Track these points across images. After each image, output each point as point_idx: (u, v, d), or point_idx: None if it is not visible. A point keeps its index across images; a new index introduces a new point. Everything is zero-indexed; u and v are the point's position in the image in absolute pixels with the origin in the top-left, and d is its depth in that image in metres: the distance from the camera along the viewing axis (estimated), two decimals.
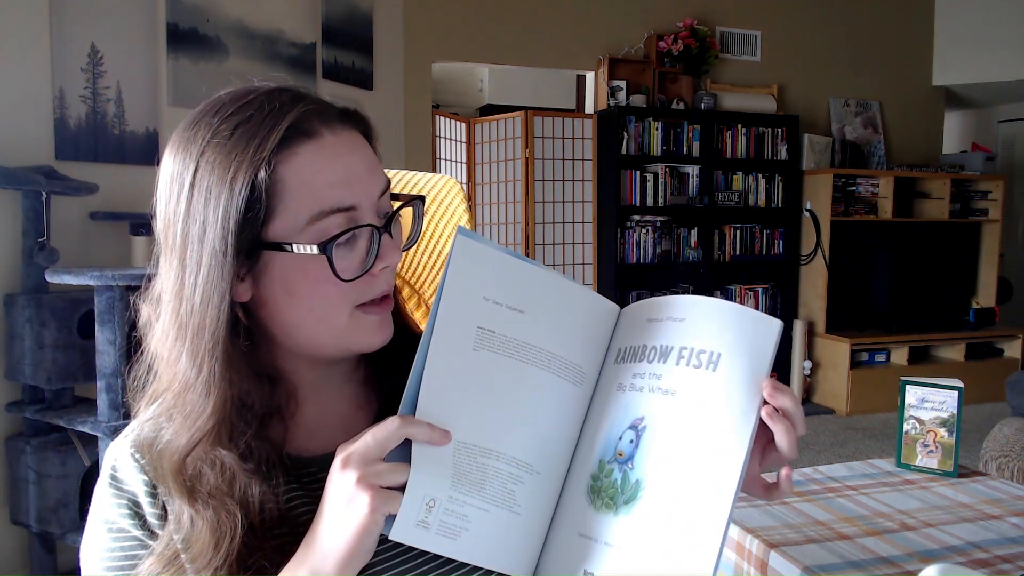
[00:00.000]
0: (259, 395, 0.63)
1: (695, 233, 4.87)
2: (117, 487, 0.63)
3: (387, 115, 3.97)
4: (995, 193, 5.31)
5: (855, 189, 5.02)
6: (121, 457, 0.64)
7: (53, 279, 1.94)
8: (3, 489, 2.21)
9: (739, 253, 4.99)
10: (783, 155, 5.01)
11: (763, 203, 5.01)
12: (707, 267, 4.88)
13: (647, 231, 4.76)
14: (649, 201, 4.75)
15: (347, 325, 0.63)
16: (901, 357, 4.95)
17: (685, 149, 4.81)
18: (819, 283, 4.95)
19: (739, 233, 4.98)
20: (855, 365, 4.82)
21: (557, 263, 4.75)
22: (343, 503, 0.54)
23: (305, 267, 0.60)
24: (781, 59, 5.23)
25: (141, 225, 2.43)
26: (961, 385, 1.62)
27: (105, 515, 0.63)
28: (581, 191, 4.79)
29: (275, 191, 0.59)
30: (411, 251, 1.03)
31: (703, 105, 4.85)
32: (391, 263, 0.64)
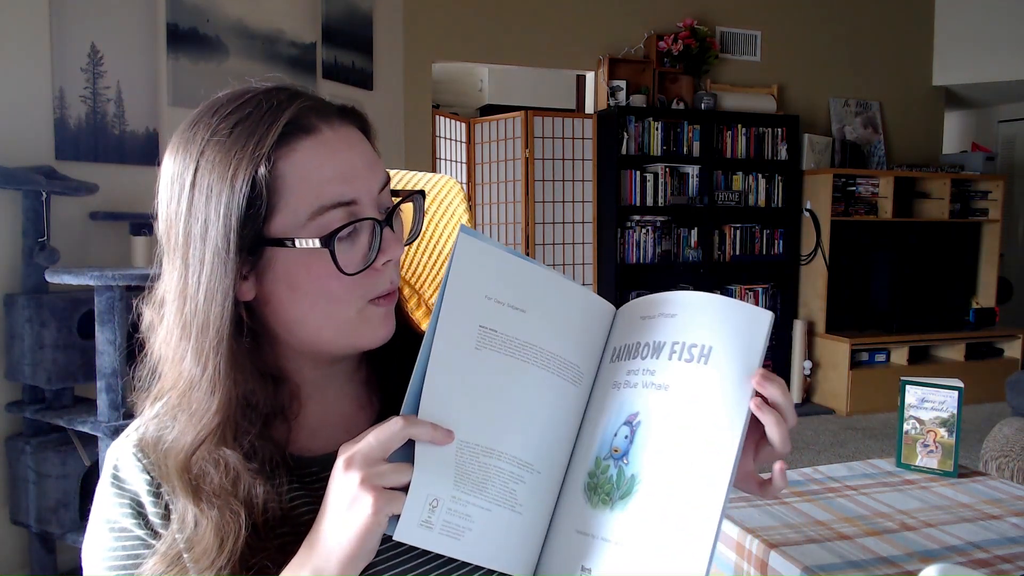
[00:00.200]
0: (263, 395, 0.63)
1: (695, 233, 4.87)
2: (119, 486, 0.63)
3: (387, 115, 3.97)
4: (995, 193, 5.31)
5: (855, 189, 5.02)
6: (123, 456, 0.64)
7: (53, 279, 1.94)
8: (3, 489, 2.21)
9: (739, 253, 4.99)
10: (783, 155, 5.01)
11: (763, 203, 5.01)
12: (707, 267, 4.88)
13: (647, 231, 4.76)
14: (649, 201, 4.75)
15: (351, 320, 0.63)
16: (901, 357, 4.95)
17: (685, 149, 4.81)
18: (819, 283, 4.95)
19: (739, 233, 4.98)
20: (855, 365, 4.82)
21: (557, 263, 4.75)
22: (346, 504, 0.54)
23: (307, 262, 0.60)
24: (781, 59, 5.23)
25: (141, 225, 2.43)
26: (961, 385, 1.62)
27: (107, 514, 0.63)
28: (581, 191, 4.79)
29: (276, 187, 0.59)
30: (411, 251, 1.03)
31: (703, 105, 4.85)
32: (394, 256, 0.64)
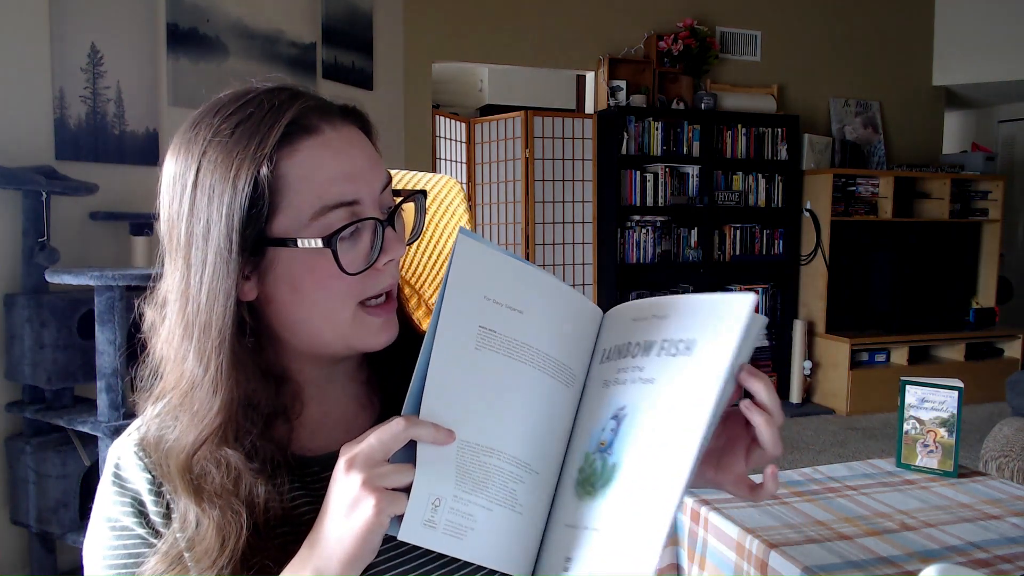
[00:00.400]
0: (265, 395, 0.63)
1: (695, 233, 4.87)
2: (120, 485, 0.63)
3: (387, 115, 3.97)
4: (995, 193, 5.31)
5: (855, 189, 5.02)
6: (124, 455, 0.64)
7: (53, 279, 1.94)
8: (3, 489, 2.21)
9: (739, 253, 4.99)
10: (783, 155, 5.01)
11: (763, 203, 5.00)
12: (707, 267, 4.88)
13: (647, 231, 4.76)
14: (649, 201, 4.75)
15: (351, 321, 0.63)
16: (901, 357, 4.95)
17: (685, 149, 4.81)
18: (819, 283, 4.95)
19: (739, 233, 4.98)
20: (855, 365, 4.82)
21: (557, 263, 4.75)
22: (348, 505, 0.54)
23: (310, 262, 0.60)
24: (781, 59, 5.23)
25: (141, 225, 2.43)
26: (961, 385, 1.62)
27: (108, 513, 0.63)
28: (581, 191, 4.79)
29: (278, 187, 0.59)
30: (411, 251, 1.03)
31: (703, 105, 4.85)
32: (395, 256, 0.64)
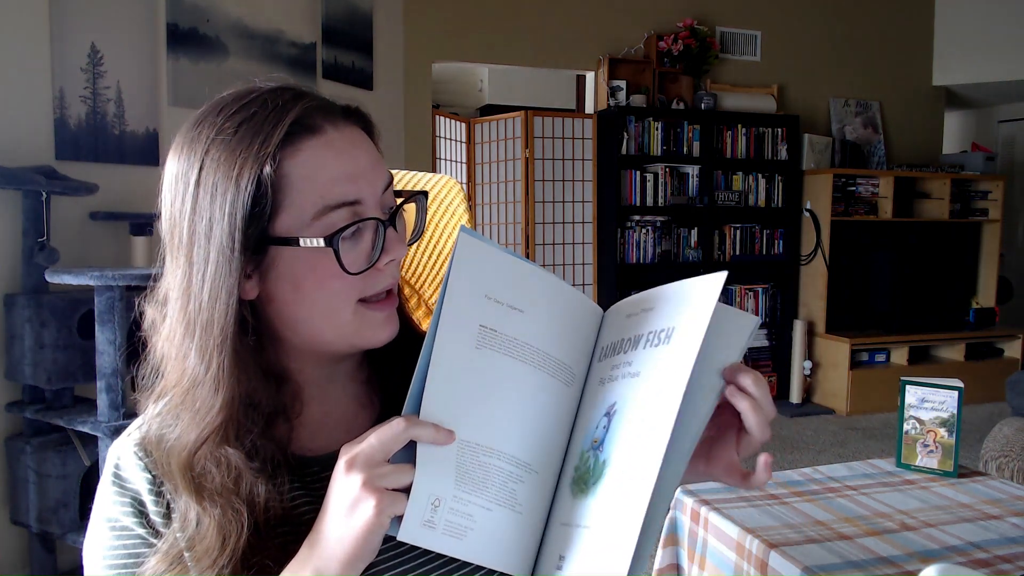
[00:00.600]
0: (266, 394, 0.63)
1: (695, 233, 4.87)
2: (120, 485, 0.63)
3: (387, 115, 3.97)
4: (995, 193, 5.31)
5: (855, 189, 5.02)
6: (124, 455, 0.64)
7: (53, 279, 1.94)
8: (3, 489, 2.21)
9: (739, 253, 4.99)
10: (783, 155, 5.01)
11: (763, 203, 5.00)
12: (707, 267, 4.87)
13: (647, 231, 4.76)
14: (649, 201, 4.75)
15: (352, 320, 0.63)
16: (901, 357, 4.95)
17: (685, 149, 4.81)
18: (819, 283, 4.95)
19: (739, 233, 4.98)
20: (855, 365, 4.82)
21: (557, 263, 4.75)
22: (348, 505, 0.54)
23: (311, 261, 0.61)
24: (781, 59, 5.23)
25: (141, 225, 2.43)
26: (961, 385, 1.62)
27: (108, 513, 0.63)
28: (581, 191, 4.79)
29: (280, 186, 0.59)
30: (411, 251, 1.03)
31: (703, 105, 4.85)
32: (397, 256, 0.64)
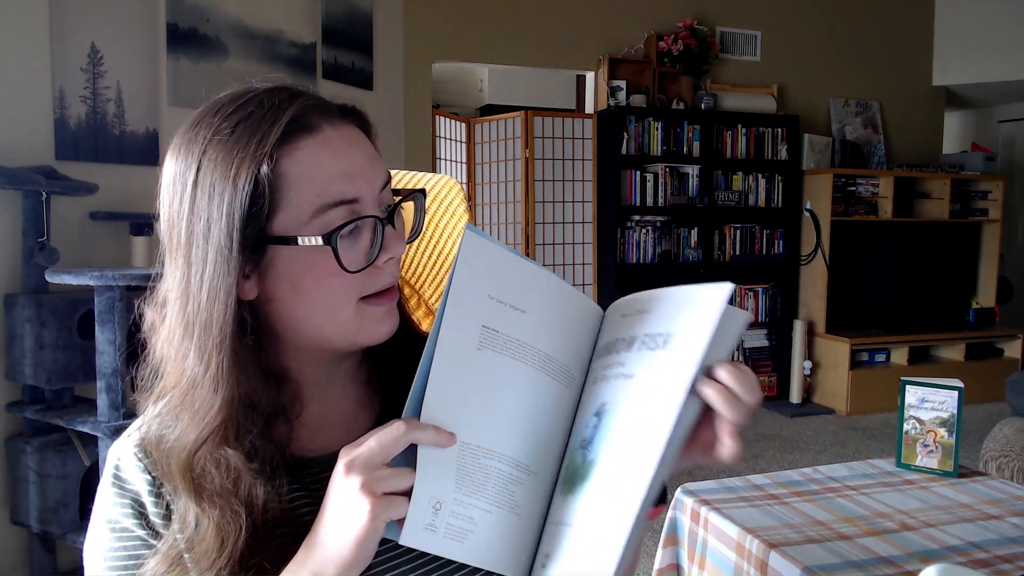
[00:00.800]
0: (265, 394, 0.63)
1: (695, 233, 4.87)
2: (120, 486, 0.63)
3: (387, 115, 3.97)
4: (995, 193, 5.31)
5: (855, 189, 5.02)
6: (124, 456, 0.64)
7: (53, 279, 1.94)
8: (3, 489, 2.21)
9: (739, 253, 4.99)
10: (783, 155, 5.01)
11: (763, 203, 5.00)
12: (707, 267, 4.87)
13: (647, 231, 4.76)
14: (649, 201, 4.75)
15: (352, 318, 0.63)
16: (901, 357, 4.95)
17: (685, 149, 4.81)
18: (819, 283, 4.95)
19: (739, 233, 4.98)
20: (855, 365, 4.82)
21: (557, 263, 4.75)
22: (345, 509, 0.54)
23: (310, 260, 0.61)
24: (781, 59, 5.23)
25: (141, 225, 2.43)
26: (961, 385, 1.62)
27: (108, 514, 0.63)
28: (581, 191, 4.79)
29: (278, 185, 0.59)
30: (411, 251, 1.03)
31: (703, 105, 4.85)
32: (395, 254, 0.64)
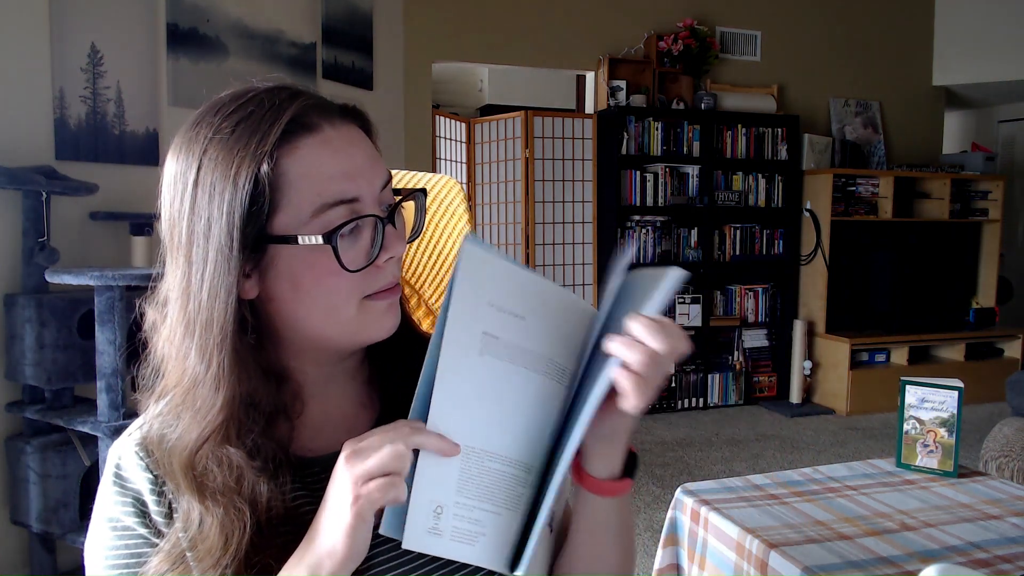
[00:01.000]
0: (266, 393, 0.63)
1: (695, 233, 4.87)
2: (121, 485, 0.63)
3: (387, 115, 3.97)
4: (995, 193, 5.31)
5: (855, 189, 5.02)
6: (125, 455, 0.64)
7: (53, 279, 1.94)
8: (3, 489, 2.21)
9: (739, 253, 4.99)
10: (783, 155, 5.01)
11: (763, 203, 5.00)
12: (707, 267, 4.88)
13: (647, 231, 4.76)
14: (649, 201, 4.75)
15: (354, 317, 0.63)
16: (901, 357, 4.95)
17: (685, 149, 4.81)
18: (819, 283, 4.95)
19: (739, 233, 4.98)
20: (855, 365, 4.82)
21: (557, 263, 4.75)
22: (339, 502, 0.55)
23: (310, 259, 0.61)
24: (781, 59, 5.23)
25: (141, 225, 2.43)
26: (961, 385, 1.62)
27: (109, 513, 0.63)
28: (581, 191, 4.79)
29: (278, 185, 0.59)
30: (411, 251, 1.03)
31: (703, 105, 4.85)
32: (396, 253, 0.64)
